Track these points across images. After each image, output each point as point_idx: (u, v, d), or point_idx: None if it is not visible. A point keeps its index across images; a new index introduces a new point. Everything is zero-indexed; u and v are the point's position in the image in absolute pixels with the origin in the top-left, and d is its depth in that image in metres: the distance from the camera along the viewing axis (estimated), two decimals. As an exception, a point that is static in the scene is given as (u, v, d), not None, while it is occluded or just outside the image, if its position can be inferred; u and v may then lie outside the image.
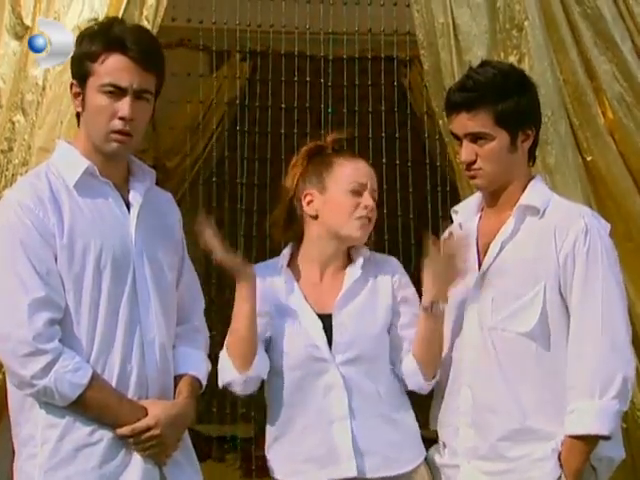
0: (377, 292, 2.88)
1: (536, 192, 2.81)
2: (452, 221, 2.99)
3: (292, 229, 2.93)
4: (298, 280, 2.87)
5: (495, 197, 2.83)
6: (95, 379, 2.51)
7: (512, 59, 3.32)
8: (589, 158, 3.44)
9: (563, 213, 2.77)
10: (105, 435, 2.53)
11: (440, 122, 3.39)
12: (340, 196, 2.85)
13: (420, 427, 2.90)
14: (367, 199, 2.85)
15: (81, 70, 2.60)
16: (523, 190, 2.80)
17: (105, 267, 2.54)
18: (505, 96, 2.74)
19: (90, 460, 2.52)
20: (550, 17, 3.39)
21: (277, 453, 2.84)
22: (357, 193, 2.85)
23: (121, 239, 2.59)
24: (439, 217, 3.99)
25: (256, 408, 4.47)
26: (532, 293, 2.71)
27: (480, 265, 2.80)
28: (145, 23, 3.24)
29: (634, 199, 3.42)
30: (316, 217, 2.88)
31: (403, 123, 4.34)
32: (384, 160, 4.20)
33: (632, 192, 3.44)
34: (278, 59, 4.33)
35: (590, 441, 2.65)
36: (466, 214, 2.93)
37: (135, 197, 2.65)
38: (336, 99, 4.27)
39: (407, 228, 4.24)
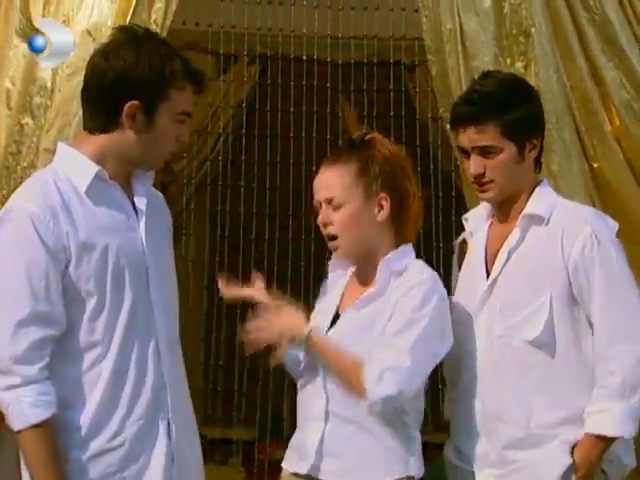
0: (382, 312, 2.72)
1: (541, 199, 2.79)
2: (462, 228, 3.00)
3: None
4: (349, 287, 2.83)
5: (504, 209, 2.81)
6: (43, 427, 2.40)
7: (519, 65, 3.33)
8: (595, 165, 3.44)
9: (568, 219, 2.75)
10: (127, 439, 2.50)
11: (448, 127, 3.39)
12: None
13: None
14: (320, 216, 2.73)
15: (157, 92, 2.52)
16: (529, 198, 2.81)
17: (124, 270, 2.52)
18: (511, 107, 2.72)
19: (112, 465, 2.48)
20: (557, 23, 3.39)
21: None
22: (317, 212, 2.76)
23: (134, 242, 2.57)
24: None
25: (262, 412, 4.54)
26: (538, 302, 2.70)
27: (488, 274, 2.81)
28: (153, 26, 3.25)
29: (640, 205, 3.44)
30: None
31: (407, 127, 4.35)
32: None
33: (638, 198, 3.44)
34: (286, 63, 4.35)
35: (609, 441, 2.65)
36: (476, 222, 2.92)
37: (142, 201, 2.61)
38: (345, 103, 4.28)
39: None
